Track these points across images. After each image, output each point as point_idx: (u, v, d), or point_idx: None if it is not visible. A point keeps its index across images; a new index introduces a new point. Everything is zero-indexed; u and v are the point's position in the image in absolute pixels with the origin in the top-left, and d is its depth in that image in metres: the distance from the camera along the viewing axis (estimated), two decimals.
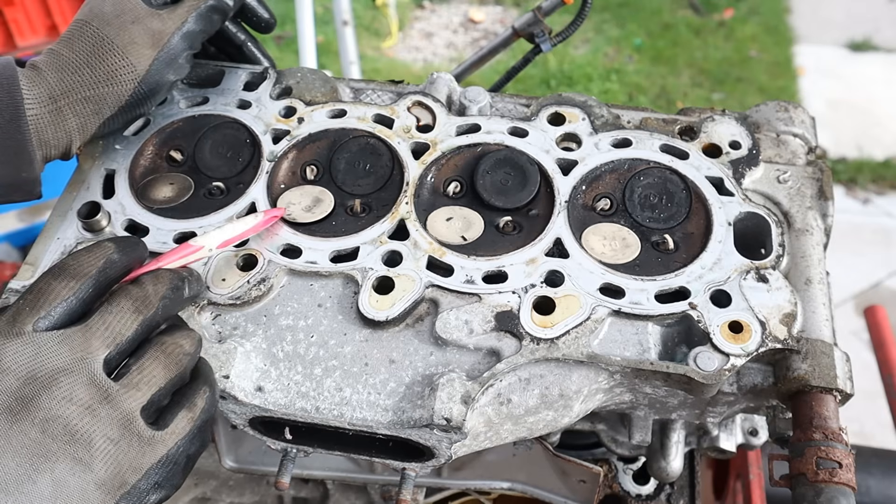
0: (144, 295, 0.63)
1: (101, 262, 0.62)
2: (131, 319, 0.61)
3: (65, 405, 0.56)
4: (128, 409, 0.58)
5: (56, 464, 0.54)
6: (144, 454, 0.58)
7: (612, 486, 0.99)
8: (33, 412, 0.55)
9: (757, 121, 0.88)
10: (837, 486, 0.65)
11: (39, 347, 0.57)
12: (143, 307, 0.62)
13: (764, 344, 0.71)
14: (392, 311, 0.73)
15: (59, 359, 0.57)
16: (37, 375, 0.56)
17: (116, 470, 0.56)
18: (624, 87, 4.20)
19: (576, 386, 0.72)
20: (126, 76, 0.78)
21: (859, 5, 4.71)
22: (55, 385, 0.56)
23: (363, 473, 1.00)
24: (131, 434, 0.58)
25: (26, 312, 0.59)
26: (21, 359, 0.56)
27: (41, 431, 0.54)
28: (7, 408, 0.55)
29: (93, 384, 0.57)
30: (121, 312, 0.61)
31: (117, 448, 0.57)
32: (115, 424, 0.57)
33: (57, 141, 0.77)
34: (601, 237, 0.79)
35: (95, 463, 0.55)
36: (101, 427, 0.56)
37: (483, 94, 0.89)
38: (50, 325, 0.59)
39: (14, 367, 0.56)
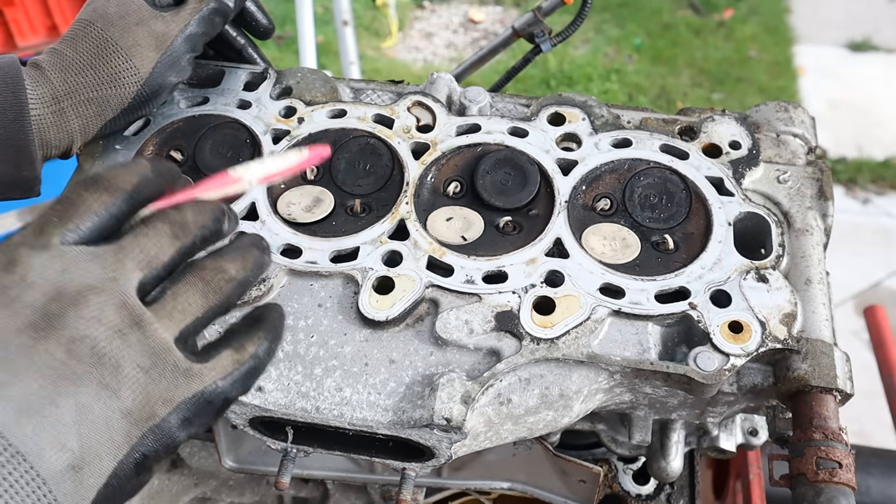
0: (184, 221, 0.57)
1: (136, 178, 0.57)
2: (168, 244, 0.56)
3: (93, 325, 0.52)
4: (161, 336, 0.54)
5: (81, 387, 0.50)
6: (178, 386, 0.53)
7: (612, 486, 0.99)
8: (59, 330, 0.51)
9: (757, 121, 0.88)
10: (837, 486, 0.65)
11: (68, 262, 0.53)
12: (182, 233, 0.57)
13: (764, 344, 0.71)
14: (392, 311, 0.73)
15: (88, 276, 0.53)
16: (64, 292, 0.52)
17: (145, 400, 0.52)
18: (624, 87, 4.21)
19: (576, 386, 0.72)
20: (129, 78, 0.78)
21: (859, 5, 4.71)
22: (84, 303, 0.52)
23: (363, 473, 1.00)
24: (164, 363, 0.53)
25: (54, 224, 0.54)
26: (48, 273, 0.52)
27: (66, 352, 0.50)
28: (31, 324, 0.51)
29: (124, 307, 0.53)
30: (157, 236, 0.56)
31: (147, 377, 0.52)
32: (147, 352, 0.53)
33: (59, 141, 0.77)
34: (601, 237, 0.79)
35: (123, 390, 0.51)
36: (131, 353, 0.52)
37: (483, 94, 0.89)
38: (78, 238, 0.54)
39: (40, 281, 0.52)
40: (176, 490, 1.09)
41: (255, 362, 0.58)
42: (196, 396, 0.54)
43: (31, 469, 0.48)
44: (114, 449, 0.51)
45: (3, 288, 0.51)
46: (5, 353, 0.49)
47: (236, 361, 0.57)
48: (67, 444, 0.49)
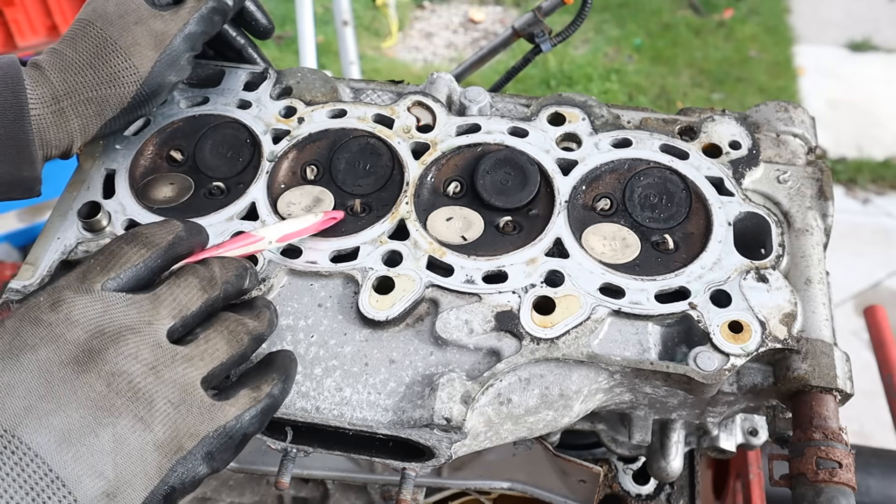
0: (211, 276, 0.64)
1: (170, 236, 0.64)
2: (197, 296, 0.62)
3: (130, 362, 0.56)
4: (190, 376, 0.58)
5: (118, 419, 0.54)
6: (202, 421, 0.58)
7: (612, 485, 0.99)
8: (100, 365, 0.55)
9: (757, 121, 0.88)
10: (837, 485, 0.65)
11: (108, 305, 0.58)
12: (209, 287, 0.63)
13: (764, 344, 0.71)
14: (392, 311, 0.73)
15: (126, 318, 0.58)
16: (105, 330, 0.56)
17: (174, 433, 0.56)
18: (624, 87, 4.21)
19: (576, 386, 0.72)
20: (129, 78, 0.78)
21: (859, 5, 4.71)
22: (122, 341, 0.56)
23: (363, 473, 1.00)
24: (192, 400, 0.58)
25: (96, 272, 0.60)
26: (90, 314, 0.57)
27: (106, 385, 0.54)
28: (74, 358, 0.55)
29: (157, 347, 0.58)
30: (188, 287, 0.62)
31: (177, 412, 0.57)
32: (177, 389, 0.57)
33: (59, 141, 0.77)
34: (601, 237, 0.79)
35: (155, 424, 0.55)
36: (164, 389, 0.56)
37: (483, 94, 0.89)
38: (118, 286, 0.60)
39: (83, 320, 0.56)
40: None
41: (270, 400, 0.63)
42: (218, 431, 0.59)
43: (70, 494, 0.51)
44: (146, 479, 0.54)
45: (48, 325, 0.55)
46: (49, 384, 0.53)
47: (254, 399, 0.61)
48: (104, 472, 0.52)
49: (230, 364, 0.63)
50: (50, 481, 0.50)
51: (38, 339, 0.55)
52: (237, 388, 0.62)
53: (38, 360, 0.54)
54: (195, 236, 0.66)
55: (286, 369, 0.66)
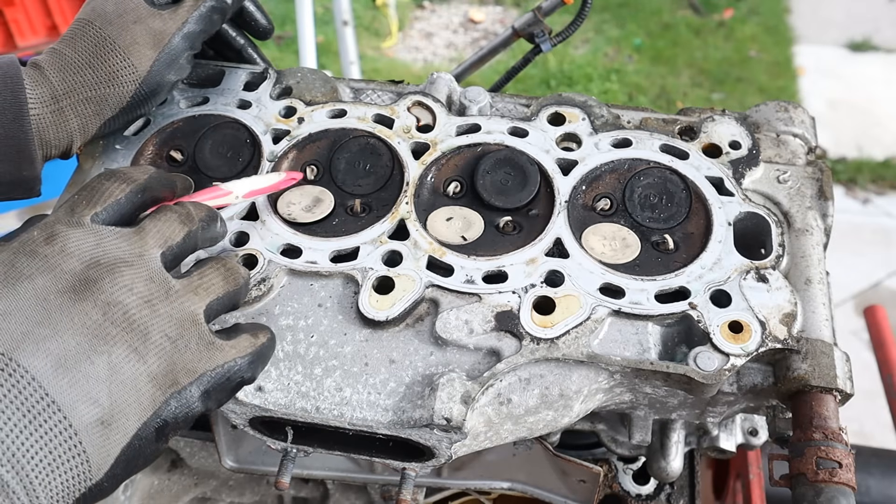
0: (187, 212, 0.65)
1: (146, 175, 0.66)
2: (179, 228, 0.64)
3: (125, 293, 0.57)
4: (189, 309, 0.59)
5: (113, 347, 0.55)
6: (201, 358, 0.58)
7: (612, 486, 0.99)
8: (96, 294, 0.56)
9: (757, 121, 0.88)
10: (837, 485, 0.65)
11: (100, 237, 0.59)
12: (188, 221, 0.65)
13: (764, 344, 0.71)
14: (392, 311, 0.73)
15: (118, 250, 0.59)
16: (100, 261, 0.57)
17: (169, 367, 0.57)
18: (624, 87, 4.21)
19: (576, 386, 0.72)
20: (127, 77, 0.78)
21: (859, 5, 4.71)
22: (118, 272, 0.57)
23: (363, 473, 1.00)
24: (190, 335, 0.58)
25: (83, 206, 0.61)
26: (84, 245, 0.58)
27: (102, 314, 0.55)
28: (71, 287, 0.55)
29: (151, 280, 0.59)
30: (169, 221, 0.63)
31: (174, 346, 0.57)
32: (174, 323, 0.58)
33: (58, 141, 0.77)
34: (601, 237, 0.79)
35: (150, 356, 0.56)
36: (159, 322, 0.57)
37: (483, 94, 0.89)
38: (105, 220, 0.61)
39: (77, 252, 0.57)
40: (176, 490, 1.09)
41: (266, 349, 0.64)
42: (217, 370, 0.59)
43: (65, 419, 0.51)
44: (139, 410, 0.55)
45: (44, 257, 0.56)
46: (47, 311, 0.53)
47: (253, 344, 0.63)
48: (99, 399, 0.53)
49: (226, 300, 0.64)
50: (46, 405, 0.51)
51: (34, 269, 0.55)
52: (238, 331, 0.63)
53: (35, 288, 0.54)
54: (169, 181, 0.69)
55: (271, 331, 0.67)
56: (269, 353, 0.65)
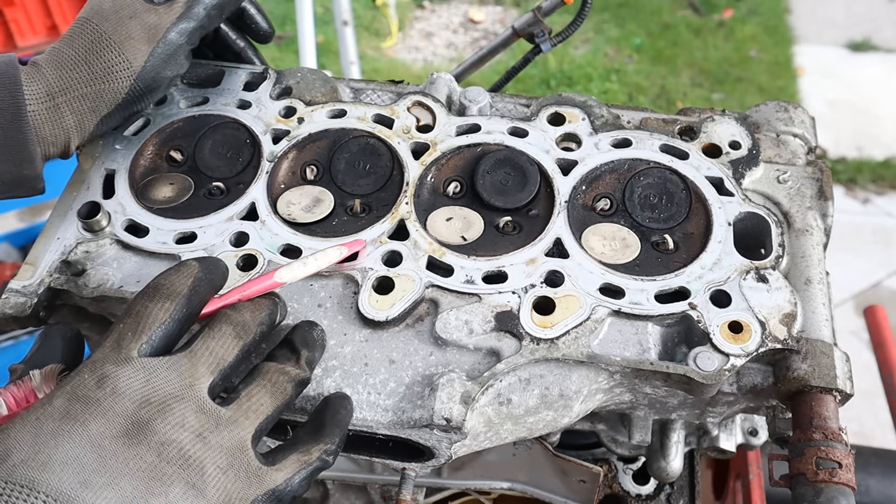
0: (244, 321, 0.64)
1: (189, 280, 0.62)
2: (233, 345, 0.62)
3: (178, 431, 0.56)
4: (238, 437, 0.59)
5: (170, 487, 0.54)
6: (251, 486, 0.58)
7: (612, 486, 0.99)
8: (149, 436, 0.55)
9: (757, 121, 0.88)
10: (837, 486, 0.65)
11: (150, 373, 0.58)
12: (244, 333, 0.63)
13: (764, 344, 0.71)
14: (392, 312, 0.73)
15: (168, 385, 0.58)
16: (150, 400, 0.57)
17: (226, 498, 0.56)
18: (624, 87, 4.21)
19: (576, 386, 0.72)
20: (122, 72, 0.78)
21: (859, 5, 4.71)
22: (168, 410, 0.57)
23: (363, 473, 1.00)
24: (240, 464, 0.58)
25: (129, 338, 0.59)
26: (134, 385, 0.57)
27: (157, 455, 0.55)
28: (125, 431, 0.55)
29: (202, 412, 0.58)
30: (223, 338, 0.62)
31: (226, 477, 0.57)
32: (225, 453, 0.57)
33: (55, 138, 0.77)
34: (601, 237, 0.79)
35: (208, 489, 0.55)
36: (213, 455, 0.57)
37: (483, 94, 0.89)
38: (152, 350, 0.59)
39: (128, 392, 0.56)
40: None
41: (318, 465, 0.62)
42: (267, 494, 0.58)
43: None
44: None
45: (96, 402, 0.56)
46: (102, 458, 0.53)
47: (304, 463, 0.61)
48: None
49: (276, 416, 0.62)
50: None
51: (87, 414, 0.55)
52: (287, 451, 0.62)
53: (90, 434, 0.54)
54: (215, 272, 0.65)
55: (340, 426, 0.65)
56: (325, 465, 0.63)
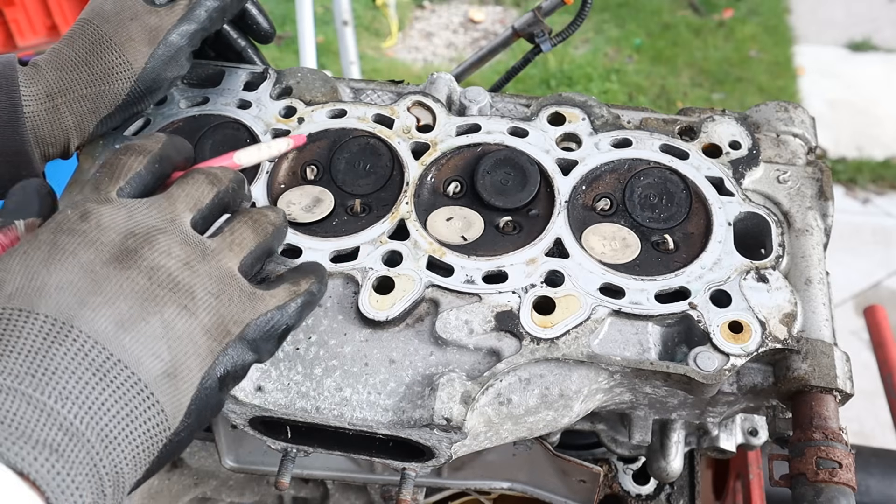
0: (216, 174, 0.67)
1: (159, 144, 0.67)
2: (208, 190, 0.65)
3: (166, 258, 0.59)
4: (225, 265, 0.61)
5: (164, 308, 0.56)
6: (245, 308, 0.60)
7: (612, 485, 0.99)
8: (139, 261, 0.58)
9: (757, 121, 0.88)
10: (837, 485, 0.65)
11: (130, 210, 0.61)
12: (217, 182, 0.66)
13: (764, 344, 0.71)
14: (392, 311, 0.73)
15: (151, 219, 0.61)
16: (135, 232, 0.59)
17: (219, 320, 0.59)
18: (624, 87, 4.21)
19: (576, 386, 0.72)
20: (123, 73, 0.78)
21: (859, 5, 4.71)
22: (154, 240, 0.59)
23: (363, 473, 1.00)
24: (232, 288, 0.60)
25: (106, 182, 0.63)
26: (117, 219, 0.59)
27: (148, 278, 0.57)
28: (114, 257, 0.57)
29: (186, 243, 0.60)
30: (197, 184, 0.65)
31: (219, 301, 0.59)
32: (215, 279, 0.60)
33: (54, 139, 0.77)
34: (601, 237, 0.79)
35: (199, 311, 0.58)
36: (202, 281, 0.59)
37: (483, 94, 0.89)
38: (130, 193, 0.63)
39: (113, 225, 0.59)
40: (176, 490, 1.09)
41: (309, 297, 0.65)
42: (261, 318, 0.61)
43: (133, 374, 0.54)
44: (199, 360, 0.57)
45: (83, 233, 0.58)
46: (96, 282, 0.56)
47: (293, 292, 0.64)
48: (160, 354, 0.55)
49: (259, 252, 0.65)
50: (112, 364, 0.53)
51: (76, 244, 0.57)
52: (276, 283, 0.65)
53: (81, 262, 0.56)
54: (181, 147, 0.70)
55: (321, 272, 0.68)
56: (314, 300, 0.66)
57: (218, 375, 0.58)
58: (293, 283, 0.65)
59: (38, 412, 0.49)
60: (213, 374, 0.58)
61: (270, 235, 0.67)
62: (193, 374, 0.56)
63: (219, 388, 0.59)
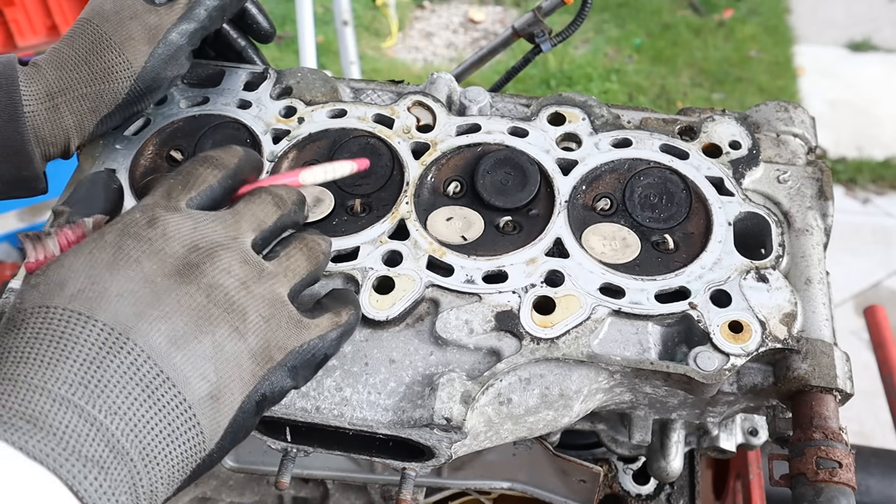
0: (281, 196, 0.67)
1: (236, 158, 0.68)
2: (272, 211, 0.66)
3: (225, 276, 0.59)
4: (277, 290, 0.62)
5: (217, 328, 0.57)
6: (290, 336, 0.61)
7: (612, 485, 0.99)
8: (199, 277, 0.58)
9: (757, 121, 0.88)
10: (837, 485, 0.65)
11: (197, 221, 0.61)
12: (281, 204, 0.67)
13: (764, 344, 0.71)
14: (392, 311, 0.73)
15: (215, 234, 0.61)
16: (199, 245, 0.59)
17: (265, 345, 0.59)
18: (624, 87, 4.20)
19: (576, 386, 0.72)
20: (122, 73, 0.78)
21: (859, 5, 4.71)
22: (216, 256, 0.59)
23: (363, 473, 1.00)
24: (281, 314, 0.61)
25: (178, 190, 0.63)
26: (184, 229, 0.60)
27: (206, 296, 0.57)
28: (176, 270, 0.58)
29: (246, 262, 0.61)
30: (263, 204, 0.65)
31: (268, 325, 0.59)
32: (267, 303, 0.60)
33: (54, 138, 0.77)
34: (601, 237, 0.79)
35: (249, 334, 0.58)
36: (255, 303, 0.59)
37: (483, 94, 0.89)
38: (199, 204, 0.63)
39: (178, 235, 0.59)
40: None
41: (347, 327, 0.66)
42: (304, 347, 0.61)
43: (179, 394, 0.54)
44: (242, 384, 0.58)
45: (148, 240, 0.58)
46: (156, 294, 0.56)
47: (335, 323, 0.65)
48: (207, 375, 0.56)
49: (309, 280, 0.66)
50: (161, 381, 0.53)
51: (140, 252, 0.57)
52: (320, 310, 0.65)
53: (143, 271, 0.57)
54: (255, 159, 0.70)
55: (356, 302, 0.69)
56: (351, 330, 0.67)
57: (256, 400, 0.59)
58: (335, 312, 0.65)
59: (89, 426, 0.50)
60: (253, 399, 0.58)
61: (320, 265, 0.67)
62: (235, 398, 0.57)
63: (255, 412, 0.59)
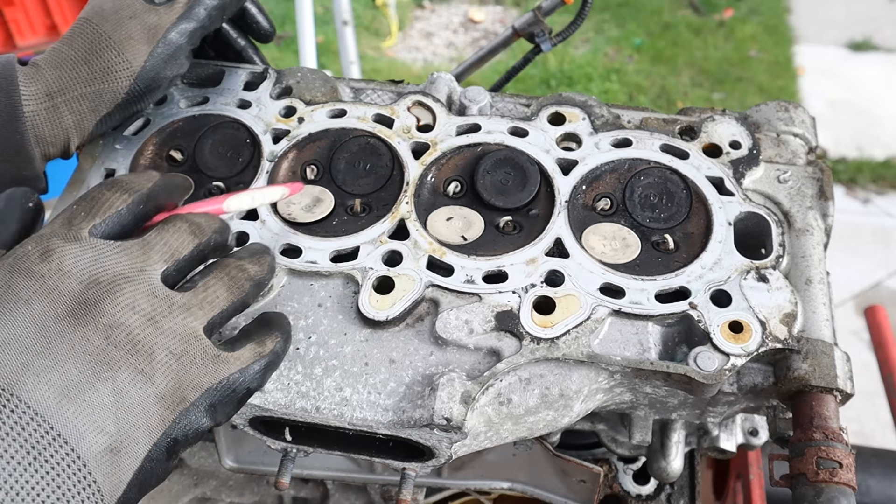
0: (199, 223, 0.62)
1: (150, 183, 0.62)
2: (188, 241, 0.60)
3: (128, 313, 0.54)
4: (190, 325, 0.57)
5: (118, 373, 0.53)
6: (206, 373, 0.56)
7: (612, 486, 0.99)
8: (97, 318, 0.53)
9: (757, 121, 0.88)
10: (838, 485, 0.65)
11: (99, 253, 0.56)
12: (199, 232, 0.61)
13: (764, 344, 0.71)
14: (392, 311, 0.73)
15: (118, 266, 0.56)
16: (99, 280, 0.55)
17: (177, 385, 0.55)
18: (624, 87, 4.21)
19: (576, 386, 0.72)
20: (122, 72, 0.78)
21: (859, 5, 4.71)
22: (118, 291, 0.55)
23: (363, 473, 1.00)
24: (195, 350, 0.56)
25: (81, 217, 0.58)
26: (82, 263, 0.55)
27: (104, 338, 0.53)
28: (70, 311, 0.53)
29: (153, 295, 0.56)
30: (178, 232, 0.60)
31: (179, 363, 0.55)
32: (178, 339, 0.56)
33: (54, 138, 0.77)
34: (601, 237, 0.79)
35: (157, 376, 0.54)
36: (164, 340, 0.55)
37: (483, 94, 0.89)
38: (104, 233, 0.58)
39: (75, 270, 0.54)
40: (176, 490, 1.09)
41: (273, 357, 0.62)
42: (222, 383, 0.57)
43: (73, 451, 0.50)
44: (148, 432, 0.53)
45: (40, 277, 0.53)
46: (46, 340, 0.51)
47: (258, 354, 0.60)
48: (106, 427, 0.51)
49: (231, 311, 0.61)
50: (52, 439, 0.49)
51: (31, 291, 0.53)
52: (242, 341, 0.61)
53: (33, 314, 0.52)
54: (174, 186, 0.65)
55: (285, 328, 0.65)
56: (277, 360, 0.63)
57: (166, 446, 0.55)
58: (258, 342, 0.61)
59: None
60: (161, 446, 0.54)
61: (246, 293, 0.62)
62: (139, 448, 0.53)
63: (166, 457, 0.55)
